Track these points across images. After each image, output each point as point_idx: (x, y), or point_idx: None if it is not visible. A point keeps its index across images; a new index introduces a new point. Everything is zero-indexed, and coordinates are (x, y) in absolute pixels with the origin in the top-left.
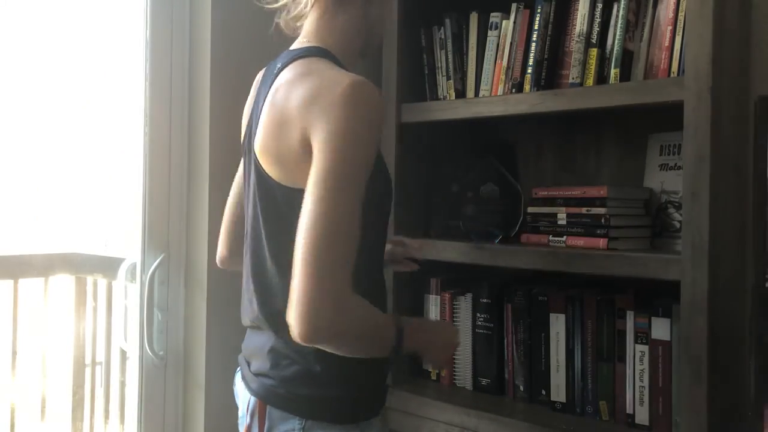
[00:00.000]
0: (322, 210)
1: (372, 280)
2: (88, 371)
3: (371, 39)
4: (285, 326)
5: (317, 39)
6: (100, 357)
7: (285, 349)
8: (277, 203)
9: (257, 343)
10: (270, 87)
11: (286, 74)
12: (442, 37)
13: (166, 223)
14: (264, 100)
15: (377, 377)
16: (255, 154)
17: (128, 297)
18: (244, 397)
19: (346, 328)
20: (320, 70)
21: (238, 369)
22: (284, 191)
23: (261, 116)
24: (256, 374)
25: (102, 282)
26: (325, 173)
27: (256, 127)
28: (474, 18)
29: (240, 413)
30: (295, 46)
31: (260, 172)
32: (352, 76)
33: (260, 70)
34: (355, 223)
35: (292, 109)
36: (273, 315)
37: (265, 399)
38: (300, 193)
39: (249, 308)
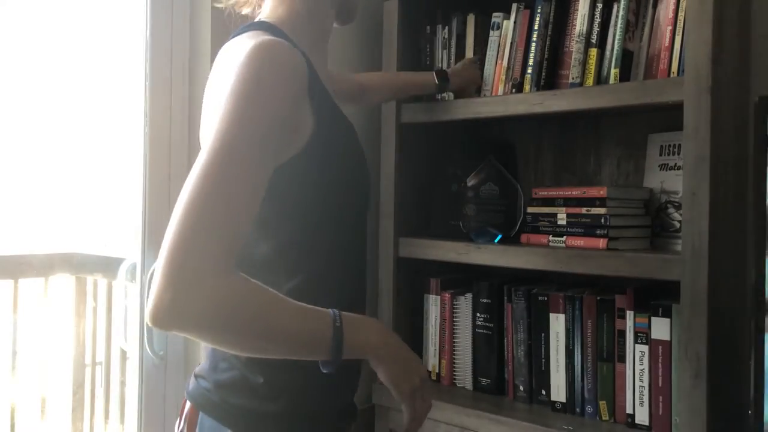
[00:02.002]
0: (203, 172)
1: (314, 274)
2: (88, 371)
3: (343, 2)
4: None
5: (271, 14)
6: (100, 357)
7: (222, 353)
8: None
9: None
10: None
11: (218, 56)
12: (446, 36)
13: (166, 223)
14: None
15: (333, 395)
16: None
17: (128, 297)
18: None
19: (212, 314)
20: (238, 44)
21: None
22: None
23: (203, 104)
24: (196, 375)
25: (102, 282)
26: (213, 134)
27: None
28: (471, 19)
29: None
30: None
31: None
32: (262, 37)
33: None
34: (242, 193)
35: (212, 88)
36: None
37: (198, 404)
38: None
39: None
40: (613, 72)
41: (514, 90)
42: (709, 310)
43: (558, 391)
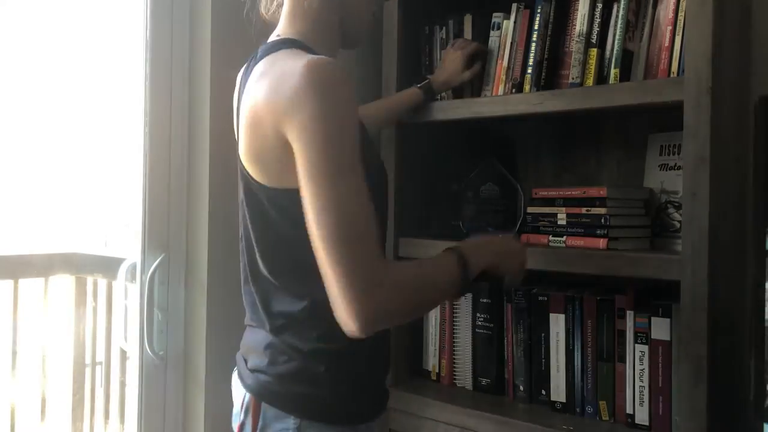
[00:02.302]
0: (323, 204)
1: None
2: (88, 371)
3: (350, 28)
4: (281, 324)
5: (290, 29)
6: (100, 357)
7: (282, 345)
8: (262, 206)
9: (254, 340)
10: (241, 90)
11: (256, 72)
12: (443, 37)
13: (166, 223)
14: (237, 104)
15: (377, 378)
16: (240, 160)
17: (128, 297)
18: (238, 394)
19: (401, 301)
20: (281, 60)
21: (235, 366)
22: (269, 193)
23: (239, 119)
24: (253, 370)
25: (102, 282)
26: (311, 166)
27: (239, 131)
28: (468, 20)
29: (234, 410)
30: (271, 38)
31: (245, 176)
32: (307, 57)
33: None
34: (363, 199)
35: (260, 107)
36: (269, 315)
37: (260, 395)
38: (284, 193)
39: (246, 308)
40: (613, 72)
41: (514, 90)
42: (709, 310)
43: (558, 391)
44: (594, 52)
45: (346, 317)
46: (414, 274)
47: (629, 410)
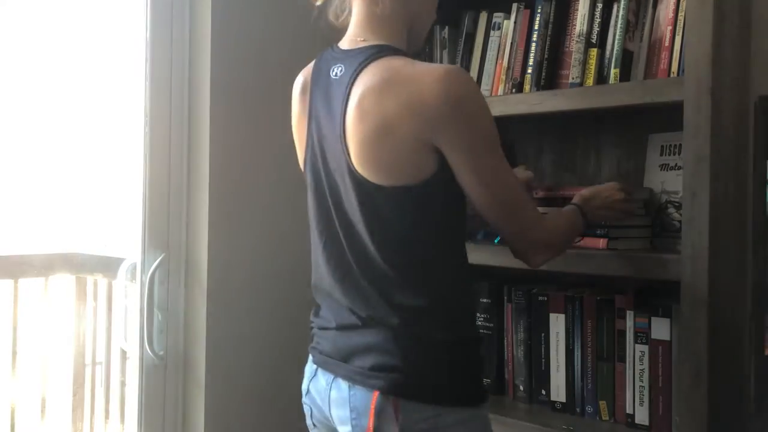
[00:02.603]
0: (494, 177)
1: (462, 259)
2: (88, 371)
3: (416, 32)
4: (410, 317)
5: (374, 36)
6: (100, 357)
7: (413, 338)
8: (378, 205)
9: (365, 341)
10: (346, 93)
11: (369, 80)
12: (444, 36)
13: (166, 223)
14: (340, 109)
15: (483, 361)
16: (349, 163)
17: (128, 297)
18: (347, 399)
19: (559, 241)
20: (403, 68)
21: (312, 376)
22: (386, 192)
23: (345, 127)
24: (378, 369)
25: (102, 282)
26: (473, 161)
27: (340, 139)
28: (483, 17)
29: (341, 416)
30: (350, 45)
31: (359, 179)
32: (435, 65)
33: (260, 69)
34: (510, 171)
35: (393, 119)
36: (395, 309)
37: (397, 392)
38: (402, 190)
39: (341, 311)
40: (613, 72)
41: (514, 90)
42: (709, 310)
43: (558, 391)
44: (594, 52)
45: (530, 254)
46: (560, 224)
47: (629, 410)
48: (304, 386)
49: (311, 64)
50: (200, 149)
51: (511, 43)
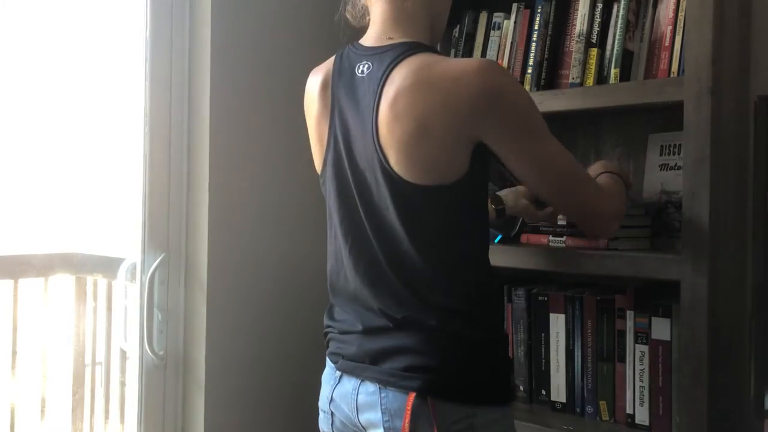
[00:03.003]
0: (550, 157)
1: (488, 260)
2: (88, 371)
3: (436, 29)
4: (446, 318)
5: (403, 32)
6: (100, 357)
7: (449, 338)
8: (412, 204)
9: (397, 342)
10: (378, 91)
11: (402, 79)
12: (455, 35)
13: (166, 223)
14: (371, 107)
15: (511, 360)
16: (383, 162)
17: (128, 297)
18: (378, 402)
19: (622, 209)
20: (435, 65)
21: (336, 383)
22: (421, 191)
23: (378, 126)
24: (413, 370)
25: (102, 282)
26: (525, 150)
27: (372, 138)
28: (483, 17)
29: (372, 419)
30: (376, 43)
31: (394, 178)
32: (468, 60)
33: (260, 69)
34: (563, 148)
35: (432, 118)
36: (433, 310)
37: (435, 393)
38: (437, 189)
39: (368, 314)
40: (613, 72)
41: None
42: (709, 310)
43: (558, 391)
44: (594, 51)
45: (604, 225)
46: (615, 191)
47: (629, 410)
48: (325, 394)
49: (329, 62)
50: (200, 149)
51: (511, 43)
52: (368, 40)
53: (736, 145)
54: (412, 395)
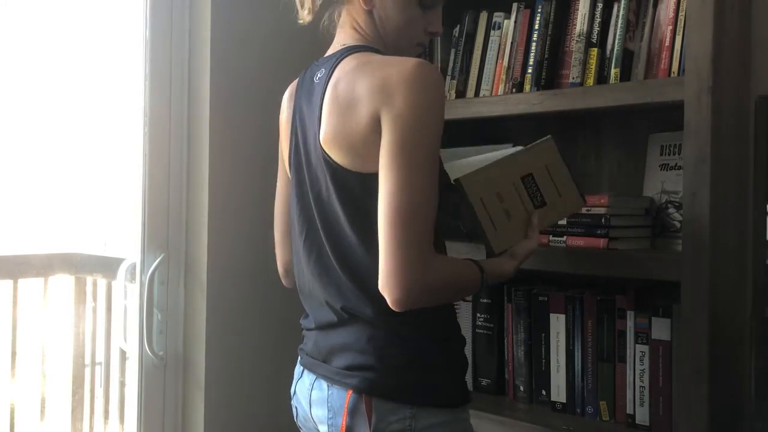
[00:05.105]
0: (400, 186)
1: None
2: (88, 371)
3: (387, 36)
4: (385, 310)
5: (353, 39)
6: (100, 357)
7: (388, 337)
8: (353, 192)
9: (342, 340)
10: (324, 86)
11: (345, 67)
12: (455, 35)
13: (166, 223)
14: (319, 101)
15: (466, 363)
16: (323, 150)
17: (128, 297)
18: (325, 399)
19: (437, 286)
20: (380, 58)
21: (298, 378)
22: (359, 178)
23: (321, 114)
24: (353, 369)
25: (102, 282)
26: (396, 149)
27: (317, 128)
28: (483, 17)
29: (320, 416)
30: (332, 51)
31: (333, 166)
32: (415, 58)
33: (259, 69)
34: (432, 191)
35: (359, 94)
36: (371, 300)
37: (372, 392)
38: (374, 177)
39: (320, 309)
40: (614, 72)
41: (514, 90)
42: (709, 310)
43: (558, 391)
44: (594, 51)
45: (390, 289)
46: (451, 269)
47: (629, 410)
48: (291, 388)
49: (301, 76)
50: (200, 149)
51: (512, 43)
52: (329, 51)
53: (736, 145)
54: (350, 393)
